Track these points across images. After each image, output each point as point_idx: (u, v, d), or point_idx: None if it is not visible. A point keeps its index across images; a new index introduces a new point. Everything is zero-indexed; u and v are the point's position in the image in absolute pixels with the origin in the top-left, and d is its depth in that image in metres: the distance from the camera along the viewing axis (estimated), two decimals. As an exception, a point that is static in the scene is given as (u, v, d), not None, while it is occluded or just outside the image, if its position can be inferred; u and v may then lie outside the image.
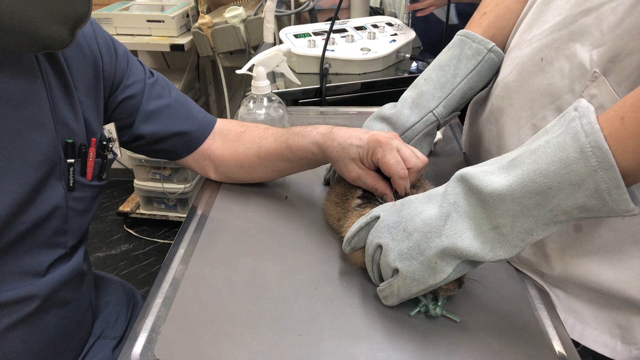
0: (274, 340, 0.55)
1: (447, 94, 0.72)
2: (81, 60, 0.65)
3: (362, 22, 1.42)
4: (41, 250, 0.63)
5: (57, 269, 0.65)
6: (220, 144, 0.80)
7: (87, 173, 0.66)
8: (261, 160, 0.77)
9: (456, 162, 0.91)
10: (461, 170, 0.52)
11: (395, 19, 1.45)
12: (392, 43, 1.32)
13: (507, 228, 0.47)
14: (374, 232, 0.57)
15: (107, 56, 0.69)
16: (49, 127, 0.60)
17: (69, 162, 0.63)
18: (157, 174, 2.17)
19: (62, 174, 0.63)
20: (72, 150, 0.64)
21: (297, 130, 0.73)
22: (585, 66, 0.55)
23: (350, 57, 1.24)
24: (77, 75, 0.64)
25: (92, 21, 0.68)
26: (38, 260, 0.63)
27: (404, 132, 0.72)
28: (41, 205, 0.60)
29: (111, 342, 0.78)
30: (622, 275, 0.57)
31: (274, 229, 0.73)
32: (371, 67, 1.27)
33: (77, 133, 0.64)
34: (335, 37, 1.31)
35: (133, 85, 0.73)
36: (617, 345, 0.60)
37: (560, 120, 0.46)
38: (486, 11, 0.76)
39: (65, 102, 0.63)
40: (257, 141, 0.77)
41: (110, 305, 0.83)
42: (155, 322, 0.58)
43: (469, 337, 0.55)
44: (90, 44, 0.66)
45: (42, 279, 0.63)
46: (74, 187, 0.64)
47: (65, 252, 0.66)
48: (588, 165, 0.42)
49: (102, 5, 2.06)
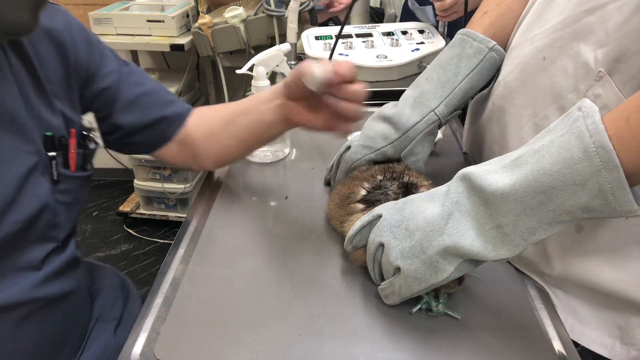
0: (274, 340, 0.55)
1: (449, 93, 0.72)
2: (52, 51, 0.64)
3: (392, 28, 1.36)
4: (34, 246, 0.63)
5: (52, 261, 0.65)
6: (193, 124, 0.80)
7: (70, 165, 0.66)
8: (226, 124, 0.78)
9: (456, 162, 0.91)
10: (464, 169, 0.52)
11: (429, 26, 1.38)
12: (414, 52, 1.25)
13: (509, 227, 0.47)
14: (375, 231, 0.57)
15: (81, 45, 0.68)
16: (24, 123, 0.60)
17: (51, 155, 0.63)
18: (157, 174, 2.17)
19: (45, 168, 0.63)
20: (52, 143, 0.63)
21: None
22: (589, 65, 0.55)
23: (363, 64, 1.20)
24: (47, 68, 0.64)
25: (63, 11, 0.68)
26: (33, 255, 0.63)
27: (406, 131, 0.72)
28: (28, 202, 0.60)
29: (110, 325, 0.79)
30: (623, 276, 0.57)
31: (274, 228, 0.73)
32: (385, 75, 1.22)
33: (55, 126, 0.64)
34: (356, 41, 1.28)
35: (109, 75, 0.72)
36: (615, 346, 0.60)
37: (563, 119, 0.46)
38: (487, 10, 0.76)
39: (38, 95, 0.62)
40: (224, 107, 0.80)
41: (105, 290, 0.84)
42: (155, 322, 0.58)
43: (469, 337, 0.55)
44: (62, 34, 0.66)
45: (39, 273, 0.63)
46: (58, 180, 0.64)
47: (58, 245, 0.66)
48: (592, 165, 0.42)
49: (102, 5, 2.06)
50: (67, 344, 0.71)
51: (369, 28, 1.36)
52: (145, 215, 2.26)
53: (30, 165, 0.60)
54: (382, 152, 0.73)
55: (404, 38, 1.31)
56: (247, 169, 0.90)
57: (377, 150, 0.73)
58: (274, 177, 0.88)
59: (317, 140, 1.01)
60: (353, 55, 1.22)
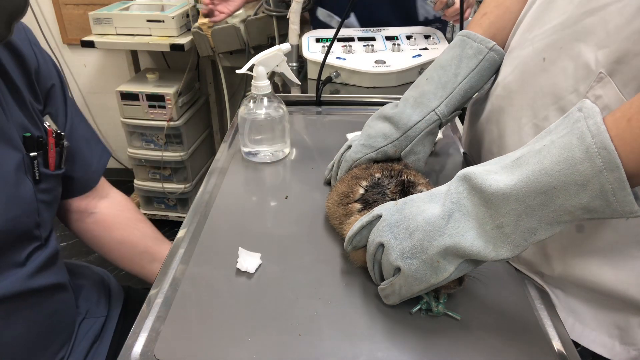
0: (274, 340, 0.55)
1: (449, 93, 0.72)
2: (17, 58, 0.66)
3: (398, 32, 1.33)
4: (20, 245, 0.65)
5: (36, 257, 0.67)
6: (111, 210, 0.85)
7: (50, 164, 0.69)
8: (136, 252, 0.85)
9: (456, 162, 0.91)
10: (464, 169, 0.52)
11: (436, 32, 1.34)
12: (415, 58, 1.21)
13: (510, 227, 0.47)
14: (375, 231, 0.57)
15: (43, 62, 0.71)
16: (4, 125, 0.62)
17: (32, 155, 0.65)
18: (157, 173, 2.17)
19: (27, 168, 0.65)
20: (32, 143, 0.65)
21: None
22: (590, 66, 0.55)
23: (359, 69, 1.18)
24: (15, 73, 0.66)
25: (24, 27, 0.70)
26: (18, 254, 0.65)
27: (406, 131, 0.72)
28: (17, 202, 0.62)
29: (99, 320, 0.81)
30: (623, 276, 0.57)
31: (274, 228, 0.73)
32: (382, 81, 1.19)
33: (31, 127, 0.66)
34: (357, 45, 1.26)
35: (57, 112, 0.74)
36: (615, 346, 0.60)
37: (564, 120, 0.46)
38: (487, 11, 0.76)
39: (12, 99, 0.65)
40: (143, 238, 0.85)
41: (86, 287, 0.86)
42: (155, 322, 0.58)
43: (469, 337, 0.55)
44: (23, 44, 0.68)
45: (23, 269, 0.65)
46: (40, 179, 0.66)
47: (41, 242, 0.68)
48: (593, 165, 0.42)
49: (102, 5, 2.07)
50: (56, 338, 0.73)
51: (374, 32, 1.34)
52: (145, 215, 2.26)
53: (15, 165, 0.62)
54: (383, 151, 0.73)
55: (407, 43, 1.27)
56: (247, 169, 0.90)
57: (378, 149, 0.73)
58: (274, 177, 0.88)
59: (317, 140, 1.01)
60: (351, 60, 1.20)
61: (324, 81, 1.17)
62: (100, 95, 2.47)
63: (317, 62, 1.19)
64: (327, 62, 1.16)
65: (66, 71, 2.37)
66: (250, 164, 0.92)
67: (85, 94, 2.49)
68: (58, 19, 2.25)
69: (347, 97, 1.18)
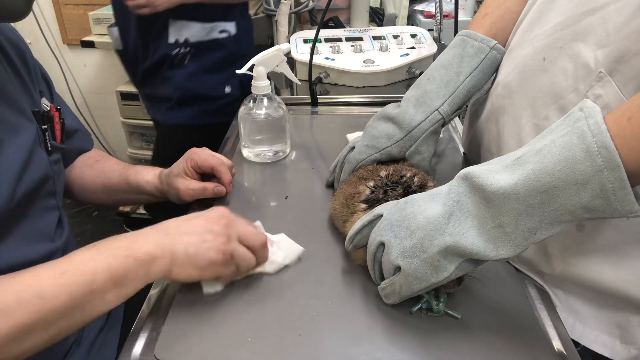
0: (274, 340, 0.55)
1: (452, 92, 0.72)
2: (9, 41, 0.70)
3: (384, 32, 1.34)
4: (43, 214, 0.68)
5: (60, 236, 0.71)
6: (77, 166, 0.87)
7: (57, 137, 0.73)
8: (106, 190, 0.87)
9: (456, 162, 0.91)
10: (465, 169, 0.52)
11: (422, 31, 1.35)
12: (402, 57, 1.22)
13: (510, 227, 0.47)
14: (376, 230, 0.57)
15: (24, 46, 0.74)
16: (19, 99, 0.66)
17: (44, 127, 0.69)
18: (156, 174, 2.16)
19: (41, 140, 0.69)
20: (41, 117, 0.69)
21: (139, 168, 0.87)
22: (590, 66, 0.55)
23: (348, 69, 1.17)
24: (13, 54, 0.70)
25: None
26: (45, 222, 0.68)
27: (410, 131, 0.72)
28: (36, 169, 0.66)
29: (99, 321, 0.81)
30: (624, 275, 0.57)
31: (274, 228, 0.73)
32: (371, 81, 1.19)
33: (38, 101, 0.71)
34: (345, 45, 1.26)
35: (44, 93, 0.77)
36: (615, 345, 0.60)
37: (565, 120, 0.46)
38: (487, 12, 0.76)
39: (17, 77, 0.68)
40: (105, 172, 0.87)
41: None
42: (155, 322, 0.58)
43: (469, 337, 0.55)
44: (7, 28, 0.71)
45: (52, 244, 0.68)
46: (51, 150, 0.70)
47: (60, 215, 0.72)
48: (594, 165, 0.42)
49: (102, 5, 2.06)
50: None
51: (360, 32, 1.34)
52: (145, 216, 2.26)
53: (32, 136, 0.66)
54: (387, 152, 0.73)
55: (395, 43, 1.28)
56: (247, 169, 0.90)
57: (382, 150, 0.73)
58: (274, 177, 0.88)
59: (317, 140, 1.01)
60: (340, 60, 1.20)
61: (315, 81, 1.17)
62: (100, 95, 2.46)
63: (306, 63, 1.20)
64: (316, 62, 1.16)
65: (66, 71, 2.36)
66: (250, 164, 0.92)
67: (85, 94, 2.48)
68: (58, 19, 2.25)
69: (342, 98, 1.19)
